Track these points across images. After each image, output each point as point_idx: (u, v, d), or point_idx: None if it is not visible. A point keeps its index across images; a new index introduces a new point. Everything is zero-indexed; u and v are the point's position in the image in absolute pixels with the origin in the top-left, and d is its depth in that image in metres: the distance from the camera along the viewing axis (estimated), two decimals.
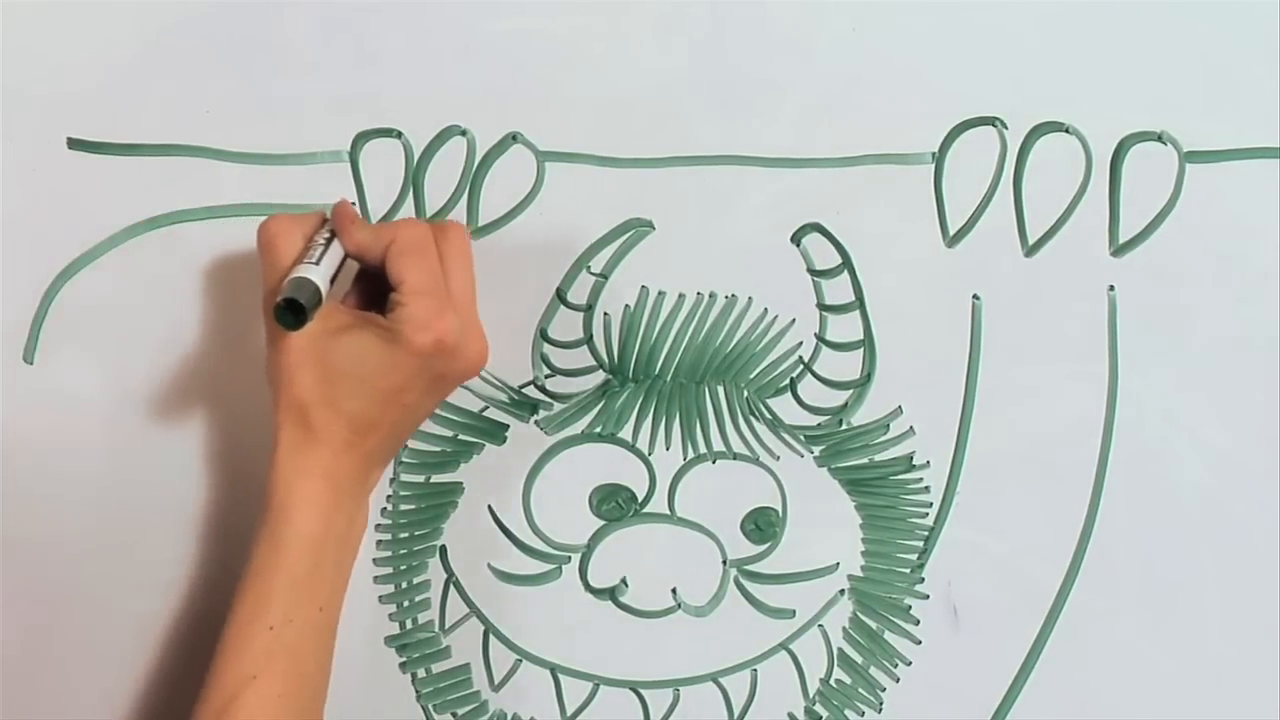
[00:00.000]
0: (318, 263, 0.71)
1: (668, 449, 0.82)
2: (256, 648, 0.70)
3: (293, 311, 0.69)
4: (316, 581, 0.71)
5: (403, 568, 0.83)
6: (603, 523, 0.83)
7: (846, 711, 0.84)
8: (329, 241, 0.73)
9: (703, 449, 0.82)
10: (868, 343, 0.81)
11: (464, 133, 0.79)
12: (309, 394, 0.71)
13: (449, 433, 0.82)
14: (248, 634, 0.70)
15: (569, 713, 0.84)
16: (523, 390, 0.82)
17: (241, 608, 0.70)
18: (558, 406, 0.82)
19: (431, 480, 0.82)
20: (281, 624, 0.70)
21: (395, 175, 0.80)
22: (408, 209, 0.80)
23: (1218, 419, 0.82)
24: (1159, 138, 0.79)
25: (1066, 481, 0.82)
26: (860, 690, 0.84)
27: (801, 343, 0.81)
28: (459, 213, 0.80)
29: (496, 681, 0.84)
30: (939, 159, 0.80)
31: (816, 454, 0.82)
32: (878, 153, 0.80)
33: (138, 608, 0.83)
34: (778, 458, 0.82)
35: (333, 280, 0.72)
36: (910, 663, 0.84)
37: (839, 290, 0.81)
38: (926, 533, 0.83)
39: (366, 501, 0.75)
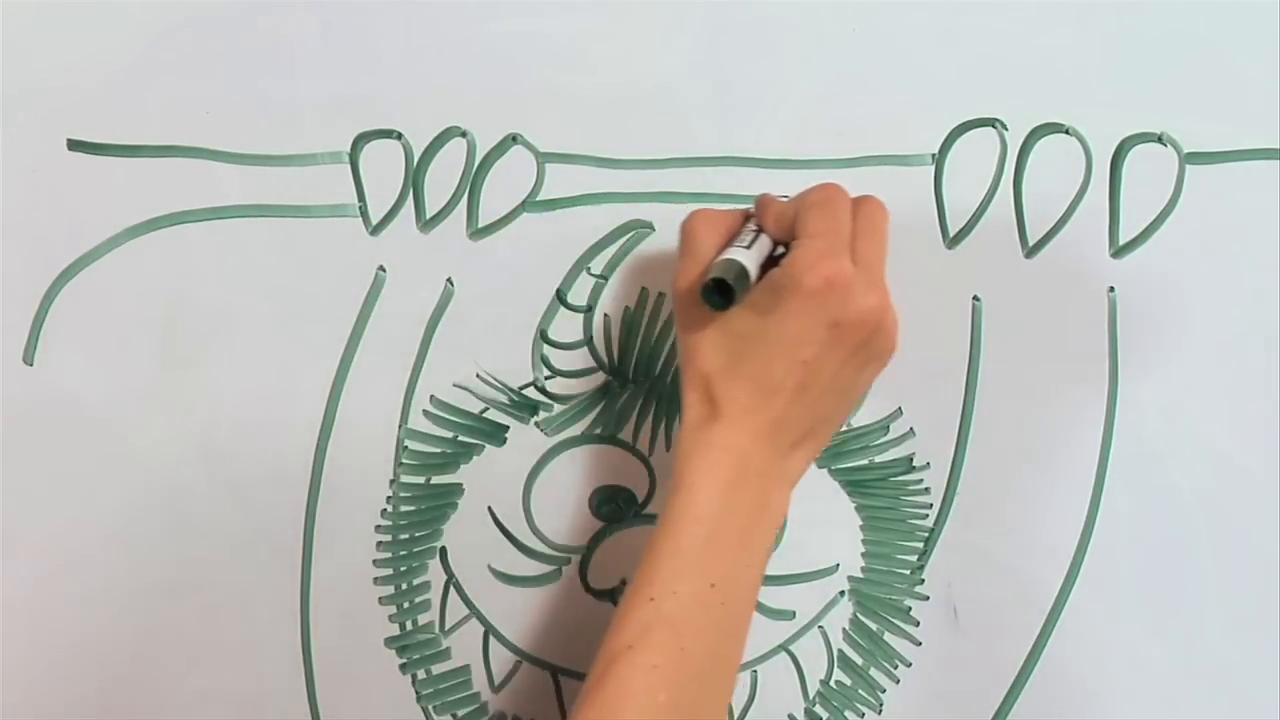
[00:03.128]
0: (748, 247, 0.70)
1: (668, 450, 0.82)
2: (637, 617, 0.68)
3: (720, 292, 0.68)
4: (708, 556, 0.69)
5: (403, 569, 0.83)
6: (603, 524, 0.83)
7: (846, 713, 0.84)
8: (758, 232, 0.72)
9: None
10: None
11: (464, 134, 0.79)
12: (711, 365, 0.70)
13: (449, 434, 0.82)
14: (632, 604, 0.68)
15: (569, 714, 0.84)
16: (523, 391, 0.82)
17: (631, 580, 0.69)
18: (558, 408, 0.82)
19: (431, 481, 0.82)
20: (663, 596, 0.68)
21: (395, 176, 0.80)
22: (408, 210, 0.80)
23: (1218, 420, 0.82)
24: (1159, 139, 0.79)
25: (1066, 481, 0.82)
26: (860, 691, 0.84)
27: None
28: (459, 214, 0.80)
29: (496, 683, 0.84)
30: (939, 160, 0.80)
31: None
32: (878, 153, 0.80)
33: (138, 608, 0.83)
34: None
35: (762, 268, 0.70)
36: (910, 664, 0.84)
37: None
38: (926, 534, 0.83)
39: (784, 490, 0.72)
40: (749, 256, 0.69)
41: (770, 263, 0.71)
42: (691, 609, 0.68)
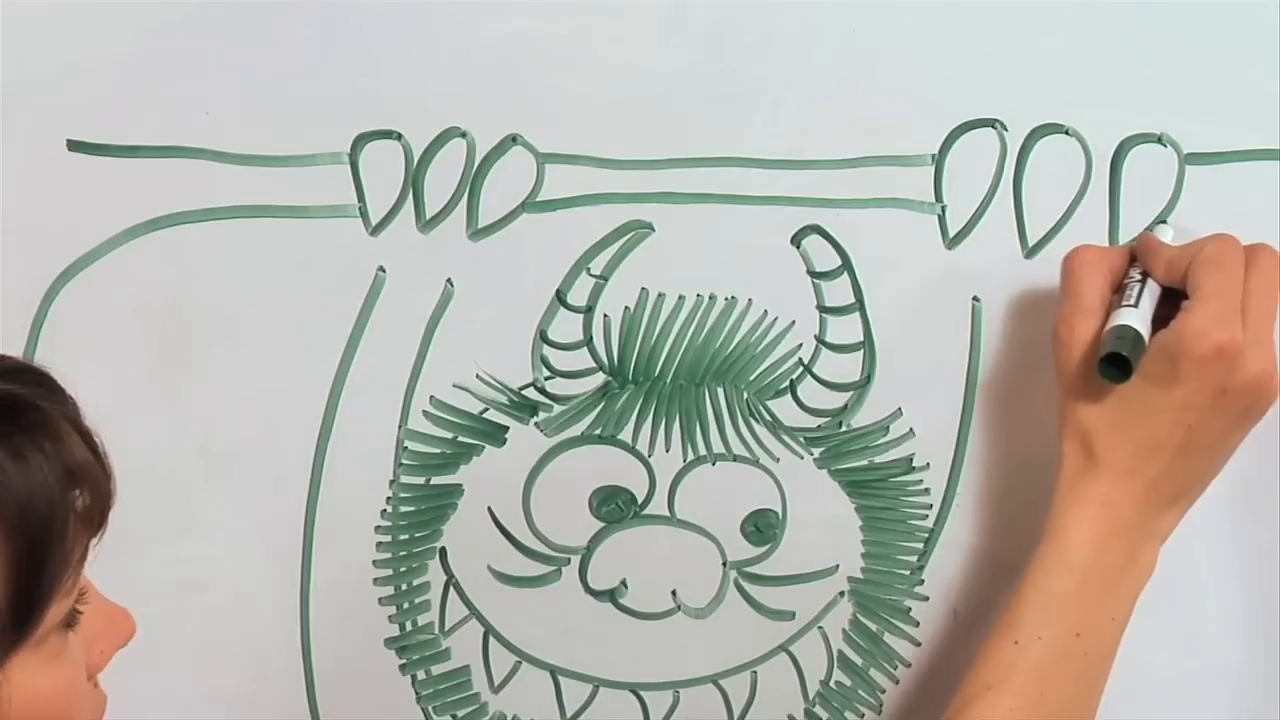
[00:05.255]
0: (1136, 304, 0.71)
1: (668, 451, 0.82)
2: (999, 660, 0.71)
3: (1117, 365, 0.69)
4: (1076, 606, 0.71)
5: (402, 569, 0.83)
6: (602, 524, 0.83)
7: (846, 713, 0.84)
8: (1144, 278, 0.73)
9: (703, 451, 0.82)
10: (867, 344, 0.81)
11: (464, 134, 0.79)
12: (1093, 421, 0.72)
13: (449, 434, 0.82)
14: (995, 646, 0.71)
15: (569, 714, 0.84)
16: (522, 392, 0.82)
17: (998, 622, 0.72)
18: (558, 408, 0.82)
19: (431, 482, 0.82)
20: (1027, 640, 0.71)
21: (395, 177, 0.80)
22: (407, 211, 0.80)
23: None
24: (1159, 139, 0.79)
25: None
26: (860, 692, 0.84)
27: (801, 344, 0.81)
28: (459, 214, 0.80)
29: (496, 683, 0.84)
30: (939, 160, 0.79)
31: (816, 456, 0.82)
32: (878, 154, 0.80)
33: (138, 608, 0.83)
34: (777, 459, 0.82)
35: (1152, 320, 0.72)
36: (910, 664, 0.84)
37: (839, 292, 0.80)
38: (926, 535, 0.83)
39: (1154, 546, 0.73)
40: (1140, 318, 0.70)
41: (1158, 305, 0.72)
42: (1054, 656, 0.70)
